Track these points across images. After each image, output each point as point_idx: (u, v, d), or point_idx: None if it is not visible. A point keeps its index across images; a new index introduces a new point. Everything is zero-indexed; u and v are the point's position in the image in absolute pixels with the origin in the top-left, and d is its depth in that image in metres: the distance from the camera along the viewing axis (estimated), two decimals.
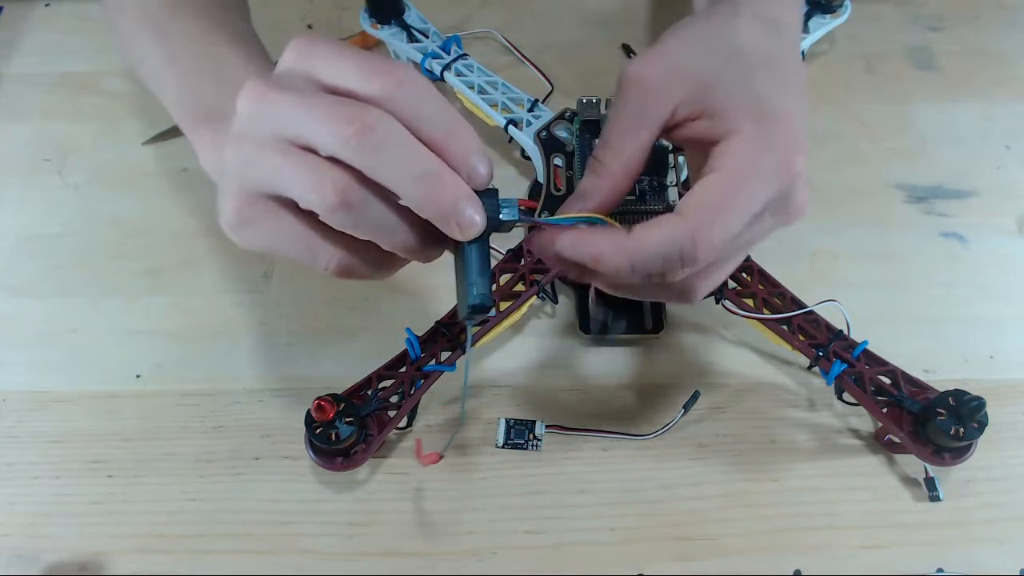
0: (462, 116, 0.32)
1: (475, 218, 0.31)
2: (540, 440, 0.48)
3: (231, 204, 0.32)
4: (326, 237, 0.32)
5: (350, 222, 0.30)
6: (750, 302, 0.48)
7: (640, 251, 0.32)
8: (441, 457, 0.43)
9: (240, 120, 0.31)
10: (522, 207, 0.33)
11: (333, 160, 0.30)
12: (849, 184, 0.57)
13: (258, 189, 0.31)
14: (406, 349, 0.47)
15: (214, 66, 0.41)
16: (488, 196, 0.32)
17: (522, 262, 0.50)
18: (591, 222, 0.34)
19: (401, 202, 0.31)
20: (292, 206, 0.31)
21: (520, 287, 0.49)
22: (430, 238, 0.32)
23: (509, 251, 0.51)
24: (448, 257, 0.34)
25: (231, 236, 0.33)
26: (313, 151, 0.30)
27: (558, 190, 0.52)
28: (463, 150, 0.31)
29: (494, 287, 0.48)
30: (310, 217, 0.31)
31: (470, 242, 0.32)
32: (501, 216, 0.33)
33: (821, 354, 0.46)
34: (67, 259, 0.55)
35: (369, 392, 0.46)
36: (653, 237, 0.32)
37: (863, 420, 0.48)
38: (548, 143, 0.54)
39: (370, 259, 0.33)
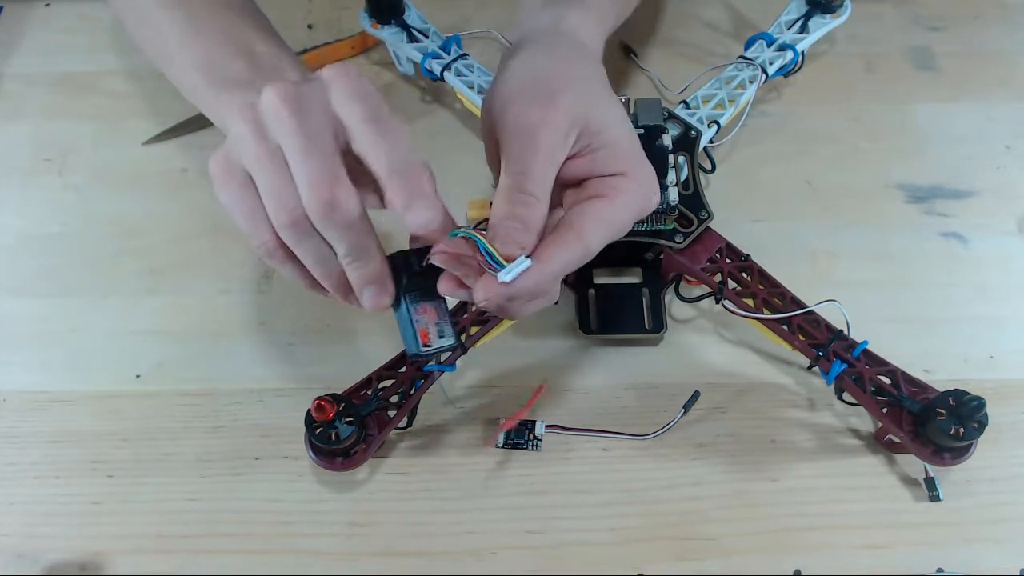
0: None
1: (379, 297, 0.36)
2: (540, 440, 0.48)
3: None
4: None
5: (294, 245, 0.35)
6: (750, 302, 0.48)
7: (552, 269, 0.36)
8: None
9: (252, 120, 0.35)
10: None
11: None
12: (849, 184, 0.57)
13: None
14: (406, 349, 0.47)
15: (247, 49, 0.43)
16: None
17: None
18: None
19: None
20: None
21: None
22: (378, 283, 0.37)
23: None
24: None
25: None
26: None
27: None
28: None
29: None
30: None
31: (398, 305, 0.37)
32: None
33: (821, 354, 0.46)
34: (67, 259, 0.55)
35: (369, 392, 0.46)
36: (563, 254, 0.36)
37: (863, 420, 0.48)
38: None
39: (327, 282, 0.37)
